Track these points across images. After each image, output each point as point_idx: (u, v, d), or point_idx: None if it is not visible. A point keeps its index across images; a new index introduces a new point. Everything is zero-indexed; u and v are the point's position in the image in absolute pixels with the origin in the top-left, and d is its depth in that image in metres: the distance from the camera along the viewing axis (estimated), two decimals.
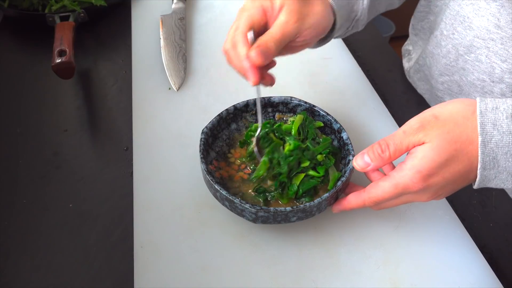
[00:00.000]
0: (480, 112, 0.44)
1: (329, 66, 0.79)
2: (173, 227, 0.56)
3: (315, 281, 0.52)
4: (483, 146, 0.43)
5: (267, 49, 0.51)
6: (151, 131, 0.67)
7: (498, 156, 0.44)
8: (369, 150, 0.48)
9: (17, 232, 0.57)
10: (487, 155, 0.44)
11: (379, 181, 0.49)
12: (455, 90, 0.68)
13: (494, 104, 0.44)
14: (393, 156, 0.47)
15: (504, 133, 0.43)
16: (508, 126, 0.43)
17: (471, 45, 0.62)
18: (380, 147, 0.47)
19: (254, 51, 0.51)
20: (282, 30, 0.52)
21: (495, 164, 0.44)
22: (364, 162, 0.49)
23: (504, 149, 0.43)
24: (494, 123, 0.43)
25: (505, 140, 0.43)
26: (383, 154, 0.47)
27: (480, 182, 0.45)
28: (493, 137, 0.43)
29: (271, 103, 0.64)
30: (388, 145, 0.47)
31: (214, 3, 0.92)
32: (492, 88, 0.62)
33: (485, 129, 0.43)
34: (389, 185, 0.47)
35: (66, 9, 0.83)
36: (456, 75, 0.66)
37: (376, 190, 0.48)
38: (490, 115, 0.44)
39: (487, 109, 0.44)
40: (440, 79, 0.70)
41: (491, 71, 0.61)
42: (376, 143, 0.48)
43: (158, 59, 0.78)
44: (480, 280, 0.53)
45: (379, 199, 0.49)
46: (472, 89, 0.65)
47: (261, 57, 0.51)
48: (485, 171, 0.44)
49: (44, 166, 0.64)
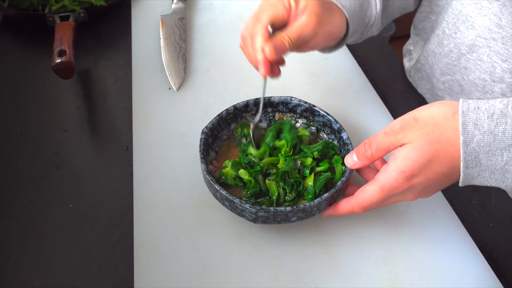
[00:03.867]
0: (462, 112, 0.44)
1: (329, 66, 0.79)
2: (173, 227, 0.56)
3: (315, 281, 0.52)
4: (465, 145, 0.44)
5: (282, 47, 0.53)
6: (151, 131, 0.67)
7: (480, 155, 0.44)
8: (357, 149, 0.51)
9: (17, 232, 0.57)
10: (469, 155, 0.44)
11: (366, 186, 0.49)
12: (456, 89, 0.68)
13: (476, 104, 0.44)
14: (375, 154, 0.48)
15: (485, 133, 0.43)
16: (489, 125, 0.43)
17: (473, 44, 0.62)
18: (364, 147, 0.49)
19: (269, 47, 0.53)
20: (301, 31, 0.54)
21: (477, 163, 0.44)
22: (352, 161, 0.51)
23: (485, 149, 0.44)
24: (475, 123, 0.44)
25: (486, 140, 0.43)
26: (366, 152, 0.49)
27: (463, 180, 0.46)
28: (475, 137, 0.43)
29: (271, 103, 0.64)
30: (371, 145, 0.48)
31: (214, 3, 0.92)
32: (493, 88, 0.62)
33: (466, 128, 0.44)
34: (375, 188, 0.48)
35: (66, 9, 0.82)
36: (457, 74, 0.67)
37: (364, 195, 0.49)
38: (471, 115, 0.44)
39: (469, 109, 0.44)
40: (441, 78, 0.70)
41: (492, 70, 0.61)
42: (362, 143, 0.50)
43: (158, 59, 0.78)
44: (480, 280, 0.53)
45: (367, 203, 0.49)
46: (473, 88, 0.65)
47: (274, 53, 0.53)
48: (468, 169, 0.45)
49: (44, 166, 0.64)
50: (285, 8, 0.55)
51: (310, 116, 0.64)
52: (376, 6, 0.63)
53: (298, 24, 0.54)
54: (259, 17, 0.55)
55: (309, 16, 0.54)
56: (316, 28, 0.54)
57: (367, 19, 0.63)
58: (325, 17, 0.56)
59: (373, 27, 0.65)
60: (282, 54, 0.54)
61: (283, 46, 0.53)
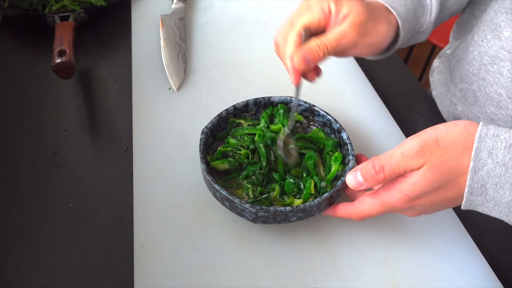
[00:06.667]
0: (479, 136, 0.42)
1: (329, 66, 0.79)
2: (173, 227, 0.56)
3: (315, 281, 0.52)
4: (474, 172, 0.42)
5: (314, 56, 0.49)
6: (151, 131, 0.67)
7: (487, 184, 0.42)
8: (363, 169, 0.46)
9: (17, 232, 0.57)
10: (476, 182, 0.42)
11: (366, 197, 0.49)
12: (471, 100, 0.66)
13: (495, 131, 0.42)
14: (388, 178, 0.45)
15: (498, 164, 0.41)
16: (504, 156, 0.41)
17: (495, 55, 0.60)
18: (374, 169, 0.45)
19: (298, 57, 0.49)
20: (339, 40, 0.50)
21: (483, 191, 0.43)
22: (357, 181, 0.47)
23: (494, 180, 0.42)
24: (490, 151, 0.42)
25: (497, 171, 0.41)
26: (376, 176, 0.45)
27: (465, 205, 0.45)
28: (486, 165, 0.42)
29: (271, 103, 0.64)
30: (383, 167, 0.44)
31: (214, 3, 0.92)
32: (508, 105, 0.60)
33: (479, 155, 0.42)
34: (376, 203, 0.47)
35: (66, 9, 0.82)
36: (475, 84, 0.64)
37: (362, 206, 0.49)
38: (488, 141, 0.42)
39: (487, 135, 0.42)
40: (459, 85, 0.68)
41: (510, 86, 0.59)
42: (370, 161, 0.46)
43: (158, 59, 0.78)
44: (480, 280, 0.53)
45: (365, 214, 0.49)
46: (488, 101, 0.63)
47: (303, 64, 0.49)
48: (472, 196, 0.43)
49: (44, 166, 0.64)
50: (324, 13, 0.50)
51: (310, 116, 0.64)
52: (431, 13, 0.58)
53: (336, 32, 0.49)
54: (293, 21, 0.51)
55: (351, 25, 0.49)
56: (357, 38, 0.50)
57: (418, 27, 0.59)
58: (370, 27, 0.51)
59: (422, 34, 0.60)
60: (314, 63, 0.50)
61: (316, 55, 0.49)
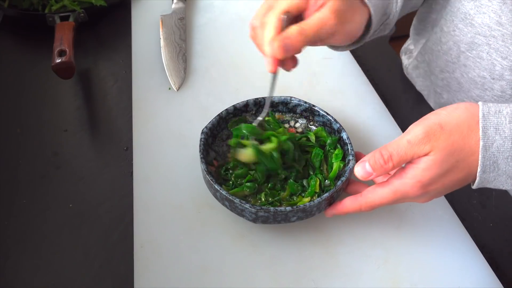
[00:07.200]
0: (483, 115, 0.44)
1: (329, 66, 0.79)
2: (173, 227, 0.56)
3: (315, 281, 0.52)
4: (484, 150, 0.43)
5: (292, 44, 0.46)
6: (151, 131, 0.67)
7: (499, 160, 0.43)
8: (371, 159, 0.46)
9: (17, 232, 0.57)
10: (488, 159, 0.43)
11: (376, 186, 0.49)
12: (454, 87, 0.68)
13: (497, 108, 0.44)
14: (396, 166, 0.46)
15: (506, 138, 0.43)
16: (510, 130, 0.43)
17: (472, 42, 0.62)
18: (383, 158, 0.45)
19: (277, 43, 0.46)
20: (319, 26, 0.47)
21: (495, 167, 0.44)
22: (365, 172, 0.47)
23: (505, 154, 0.43)
24: (496, 127, 0.43)
25: (507, 145, 0.43)
26: (386, 165, 0.45)
27: (478, 183, 0.45)
28: (495, 142, 0.43)
29: (270, 102, 0.64)
30: (391, 156, 0.45)
31: (214, 3, 0.92)
32: (492, 85, 0.62)
33: (487, 133, 0.43)
34: (388, 191, 0.47)
35: (66, 9, 0.82)
36: (457, 72, 0.66)
37: (373, 195, 0.48)
38: (492, 118, 0.43)
39: (490, 113, 0.44)
40: (440, 75, 0.69)
41: (491, 68, 0.61)
42: (377, 151, 0.46)
43: (158, 59, 0.78)
44: (480, 280, 0.53)
45: (376, 204, 0.49)
46: (472, 85, 0.65)
47: (282, 52, 0.46)
48: (485, 174, 0.44)
49: (44, 166, 0.64)
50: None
51: (310, 116, 0.64)
52: (397, 3, 0.56)
53: (317, 17, 0.47)
54: (273, 4, 0.48)
55: (331, 11, 0.47)
56: (336, 27, 0.48)
57: (385, 17, 0.57)
58: (348, 16, 0.49)
59: (386, 26, 0.59)
60: (293, 52, 0.47)
61: (296, 43, 0.46)
